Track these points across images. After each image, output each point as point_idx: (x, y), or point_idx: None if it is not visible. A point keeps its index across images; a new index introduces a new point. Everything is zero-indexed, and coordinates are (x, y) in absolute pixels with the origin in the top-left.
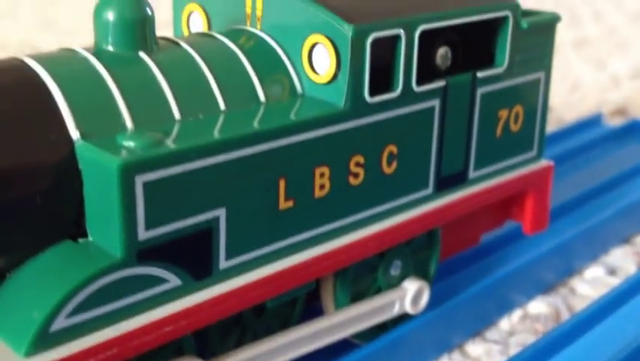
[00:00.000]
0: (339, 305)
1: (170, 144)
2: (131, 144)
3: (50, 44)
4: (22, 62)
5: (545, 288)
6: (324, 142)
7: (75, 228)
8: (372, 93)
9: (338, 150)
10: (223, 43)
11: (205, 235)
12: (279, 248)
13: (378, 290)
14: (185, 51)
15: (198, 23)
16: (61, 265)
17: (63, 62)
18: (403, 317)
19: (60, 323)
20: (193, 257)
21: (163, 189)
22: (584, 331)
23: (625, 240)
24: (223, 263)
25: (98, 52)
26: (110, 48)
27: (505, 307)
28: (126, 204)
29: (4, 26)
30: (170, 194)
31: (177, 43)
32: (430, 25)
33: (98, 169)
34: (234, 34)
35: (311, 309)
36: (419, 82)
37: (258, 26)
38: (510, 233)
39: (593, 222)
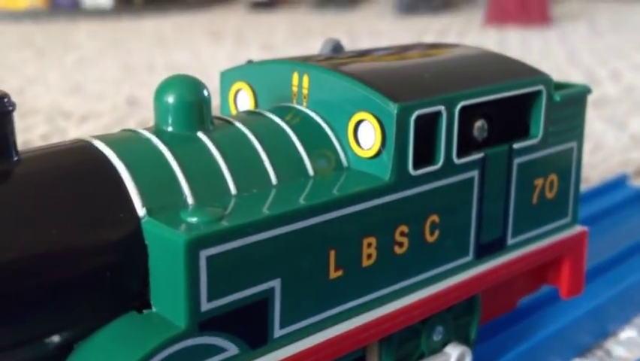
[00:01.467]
0: None
1: (229, 219)
2: (194, 219)
3: (79, 108)
4: (90, 143)
5: (581, 351)
6: (371, 213)
7: (139, 299)
8: (415, 166)
9: (384, 220)
10: (272, 120)
11: (261, 304)
12: (329, 316)
13: (422, 356)
14: (239, 129)
15: (245, 100)
16: (129, 336)
17: (127, 143)
18: None
19: None
20: (250, 326)
21: (224, 263)
22: None
23: None
24: (277, 332)
25: (158, 132)
26: (170, 129)
27: None
28: (190, 278)
29: (34, 92)
30: (230, 267)
31: (230, 122)
32: (470, 101)
33: (165, 244)
34: (282, 111)
35: None
36: (459, 154)
37: (304, 104)
38: (545, 296)
39: (626, 285)
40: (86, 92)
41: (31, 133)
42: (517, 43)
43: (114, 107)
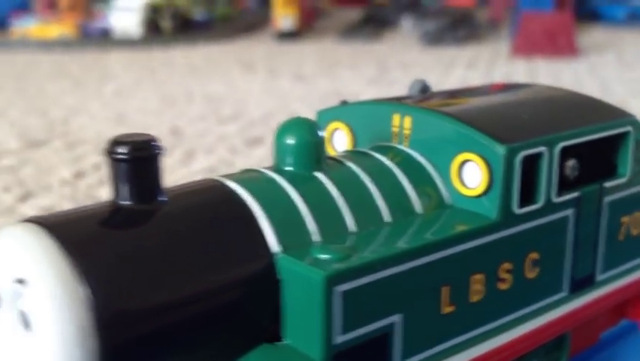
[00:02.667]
0: None
1: (358, 256)
2: (325, 256)
3: None
4: (223, 183)
5: None
6: (480, 251)
7: (269, 332)
8: (519, 205)
9: (491, 257)
10: (378, 159)
11: (384, 338)
12: (440, 351)
13: None
14: (350, 168)
15: (343, 140)
16: None
17: (256, 183)
18: None
19: None
20: (373, 358)
21: (354, 298)
22: None
23: None
24: None
25: (279, 172)
26: (289, 168)
27: None
28: (326, 312)
29: (79, 122)
30: (359, 302)
31: (341, 162)
32: (569, 142)
33: (301, 280)
34: (384, 150)
35: None
36: (556, 193)
37: (405, 143)
38: (624, 329)
39: None
40: (130, 122)
41: (83, 162)
42: (547, 74)
43: (161, 137)
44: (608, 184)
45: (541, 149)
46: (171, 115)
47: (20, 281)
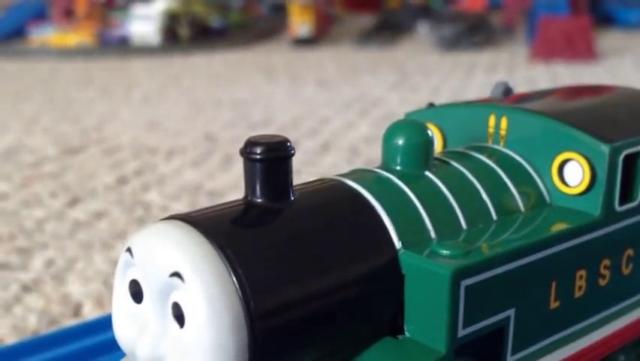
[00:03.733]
0: None
1: (477, 252)
2: (446, 252)
3: (162, 144)
4: (341, 181)
5: None
6: (584, 247)
7: (390, 325)
8: (620, 203)
9: (593, 254)
10: (479, 158)
11: (500, 332)
12: (547, 344)
13: None
14: (456, 167)
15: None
16: (395, 359)
17: (373, 182)
18: None
19: None
20: (489, 353)
21: (476, 292)
22: None
23: None
24: (509, 358)
25: (390, 171)
26: (399, 168)
27: None
28: (452, 306)
29: (112, 129)
30: (479, 296)
31: (446, 161)
32: None
33: (426, 275)
34: (481, 150)
35: None
36: None
37: (502, 144)
38: None
39: None
40: (163, 129)
41: (124, 168)
42: (568, 78)
43: (195, 144)
44: None
45: None
46: (202, 121)
47: (175, 274)
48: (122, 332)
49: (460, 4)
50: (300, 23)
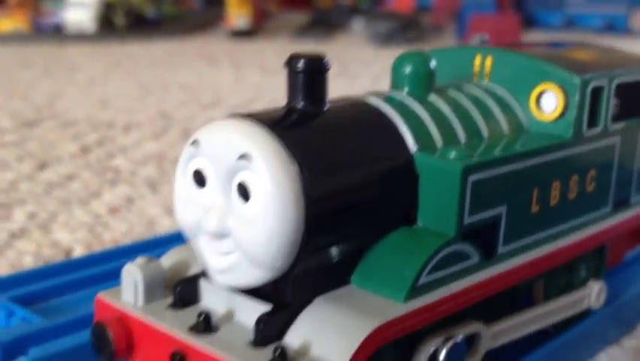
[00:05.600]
0: (546, 299)
1: (479, 155)
2: (454, 154)
3: (118, 120)
4: (363, 98)
5: None
6: (558, 163)
7: (405, 217)
8: (587, 128)
9: (565, 169)
10: (470, 88)
11: (494, 225)
12: (529, 243)
13: (572, 288)
14: (452, 95)
15: None
16: (414, 242)
17: (389, 99)
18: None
19: (423, 279)
20: (485, 241)
21: (479, 188)
22: None
23: None
24: (501, 248)
25: (400, 95)
26: (406, 92)
27: None
28: (461, 196)
29: (65, 106)
30: (481, 191)
31: (444, 90)
32: (623, 79)
33: (439, 172)
34: (470, 84)
35: None
36: (610, 122)
37: (486, 80)
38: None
39: None
40: (115, 107)
41: (85, 139)
42: None
43: (151, 120)
44: None
45: (604, 82)
46: (153, 101)
47: (244, 156)
48: (186, 217)
49: (388, 5)
50: (238, 15)
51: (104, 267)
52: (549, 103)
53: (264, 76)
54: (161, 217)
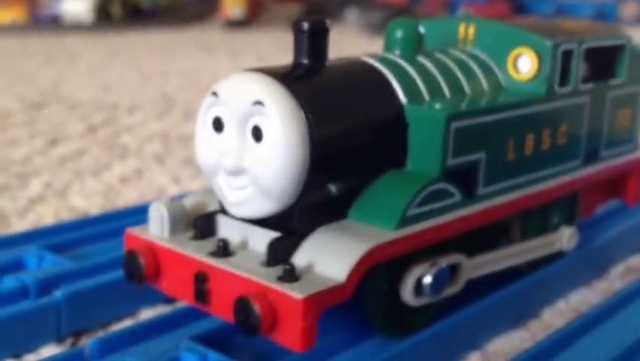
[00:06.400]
0: (522, 239)
1: (461, 106)
2: (439, 106)
3: (122, 102)
4: (357, 57)
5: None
6: (532, 116)
7: (396, 161)
8: (559, 86)
9: (538, 122)
10: (454, 53)
11: (474, 168)
12: (505, 188)
13: (546, 231)
14: (441, 56)
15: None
16: (404, 180)
17: (382, 59)
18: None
19: (412, 211)
20: (466, 183)
21: (460, 134)
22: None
23: None
24: (480, 190)
25: (392, 56)
26: (397, 54)
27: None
28: (445, 141)
29: (69, 90)
30: (462, 137)
31: (431, 54)
32: (591, 44)
33: (426, 120)
34: (455, 49)
35: None
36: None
37: (469, 46)
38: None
39: None
40: (117, 91)
41: (91, 120)
42: None
43: (154, 102)
44: (612, 82)
45: (574, 46)
46: (154, 86)
47: (258, 102)
48: (205, 158)
49: None
50: (233, 5)
51: (122, 222)
52: (525, 64)
53: (261, 63)
54: (169, 186)
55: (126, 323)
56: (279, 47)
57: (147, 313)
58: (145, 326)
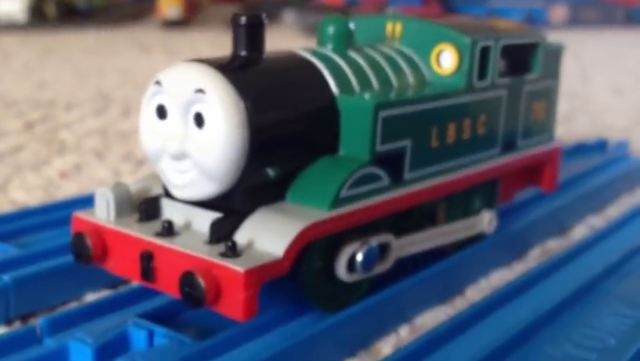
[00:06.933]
0: (447, 222)
1: (389, 97)
2: (368, 96)
3: (59, 99)
4: (293, 51)
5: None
6: (453, 107)
7: (329, 148)
8: (477, 80)
9: (459, 113)
10: (381, 48)
11: (401, 154)
12: (430, 173)
13: (468, 215)
14: (370, 51)
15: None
16: (336, 165)
17: (315, 53)
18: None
19: (344, 193)
20: (393, 168)
21: (387, 122)
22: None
23: None
24: (407, 175)
25: (325, 49)
26: (329, 48)
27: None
28: (373, 128)
29: (3, 88)
30: (389, 125)
31: (361, 49)
32: (507, 41)
33: (356, 109)
34: (383, 45)
35: None
36: (497, 77)
37: (396, 42)
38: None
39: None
40: (54, 89)
41: (28, 117)
42: None
43: (91, 99)
44: (527, 77)
45: (491, 43)
46: (91, 83)
47: (200, 90)
48: (149, 144)
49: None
50: (170, 5)
51: (63, 212)
52: (446, 60)
53: None
54: (109, 179)
55: (71, 306)
56: (215, 46)
57: (91, 297)
58: (93, 306)
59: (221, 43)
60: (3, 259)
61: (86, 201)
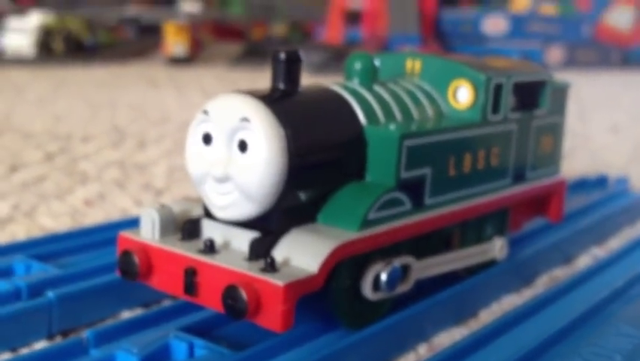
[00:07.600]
0: (461, 247)
1: (411, 128)
2: (393, 127)
3: (74, 132)
4: (324, 85)
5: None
6: (469, 139)
7: (357, 175)
8: (492, 115)
9: (474, 145)
10: (403, 83)
11: (422, 181)
12: (447, 200)
13: (481, 241)
14: (393, 86)
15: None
16: (364, 189)
17: (344, 87)
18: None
19: (371, 215)
20: (415, 194)
21: (411, 151)
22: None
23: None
24: (427, 200)
25: (352, 84)
26: (356, 82)
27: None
28: (398, 156)
29: (20, 120)
30: (412, 154)
31: (385, 84)
32: (518, 78)
33: (383, 139)
34: (404, 80)
35: None
36: (509, 112)
37: (416, 78)
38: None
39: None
40: (69, 122)
41: (47, 148)
42: None
43: (106, 133)
44: (536, 113)
45: (504, 80)
46: (105, 117)
47: (245, 119)
48: (195, 169)
49: (318, 39)
50: (175, 43)
51: (94, 237)
52: (463, 95)
53: (206, 98)
54: (132, 208)
55: (108, 323)
56: (221, 82)
57: (127, 315)
58: (136, 320)
59: (225, 79)
60: (45, 277)
61: (114, 227)
